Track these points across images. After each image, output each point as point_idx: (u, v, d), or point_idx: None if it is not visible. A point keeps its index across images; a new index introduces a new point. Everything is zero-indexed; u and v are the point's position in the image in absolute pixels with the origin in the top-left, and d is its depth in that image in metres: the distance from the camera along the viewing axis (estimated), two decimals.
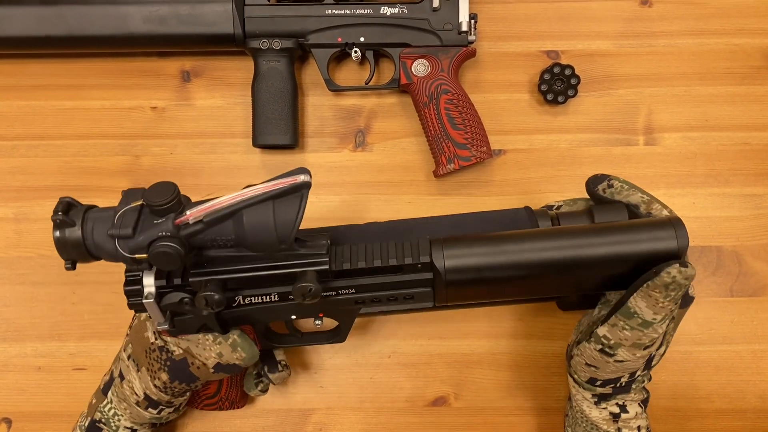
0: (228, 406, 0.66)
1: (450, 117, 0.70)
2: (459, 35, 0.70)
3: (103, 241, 0.47)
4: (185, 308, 0.52)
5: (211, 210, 0.47)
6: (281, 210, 0.47)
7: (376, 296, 0.55)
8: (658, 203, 0.54)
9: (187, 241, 0.47)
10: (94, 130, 0.75)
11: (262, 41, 0.70)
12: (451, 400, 0.72)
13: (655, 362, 0.56)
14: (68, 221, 0.48)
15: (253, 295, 0.54)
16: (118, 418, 0.60)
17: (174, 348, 0.56)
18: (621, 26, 0.75)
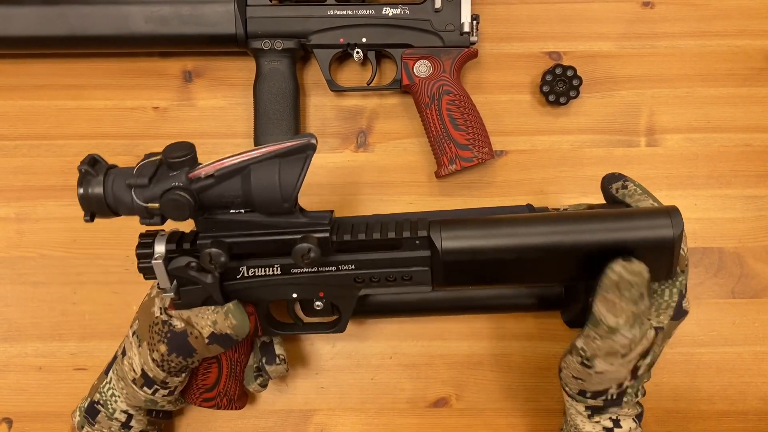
0: (226, 403, 0.64)
1: (452, 118, 0.70)
2: (461, 36, 0.70)
3: (121, 193, 0.50)
4: (190, 273, 0.55)
5: (222, 165, 0.50)
6: (286, 169, 0.50)
7: (375, 274, 0.56)
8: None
9: (198, 195, 0.50)
10: (96, 130, 0.75)
11: (263, 42, 0.70)
12: (453, 402, 0.72)
13: (642, 371, 0.55)
14: (92, 172, 0.51)
15: (256, 267, 0.56)
16: (115, 399, 0.60)
17: (176, 322, 0.57)
18: (623, 27, 0.75)
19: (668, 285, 0.54)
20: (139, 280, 0.72)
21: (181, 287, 0.56)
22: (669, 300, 0.54)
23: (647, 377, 0.58)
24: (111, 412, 0.61)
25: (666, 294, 0.54)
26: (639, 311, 0.50)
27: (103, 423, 0.61)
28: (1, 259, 0.73)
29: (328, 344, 0.72)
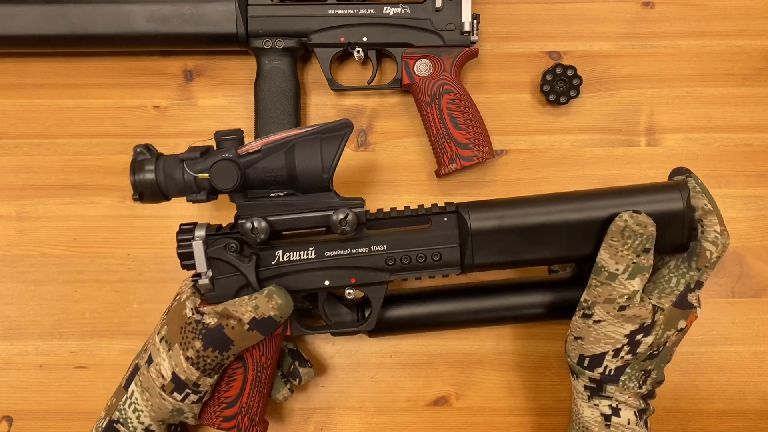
0: (247, 424, 0.61)
1: (452, 117, 0.70)
2: (461, 35, 0.70)
3: (172, 169, 0.55)
4: (228, 255, 0.58)
5: (268, 141, 0.55)
6: (326, 145, 0.55)
7: (406, 254, 0.59)
8: (715, 216, 0.56)
9: (244, 169, 0.55)
10: (96, 129, 0.75)
11: (264, 41, 0.70)
12: (453, 400, 0.72)
13: (642, 349, 0.56)
14: (145, 152, 0.56)
15: (291, 251, 0.59)
16: (138, 414, 0.58)
17: (209, 320, 0.57)
18: (623, 27, 0.75)
19: (677, 274, 0.57)
20: (140, 279, 0.73)
21: (215, 277, 0.59)
22: (674, 287, 0.56)
23: (658, 375, 0.58)
24: (132, 430, 0.59)
25: (673, 281, 0.57)
26: (640, 264, 0.55)
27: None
28: (2, 257, 0.73)
29: (328, 343, 0.73)
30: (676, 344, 0.59)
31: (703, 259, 0.55)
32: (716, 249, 0.55)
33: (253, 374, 0.61)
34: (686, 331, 0.58)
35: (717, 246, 0.55)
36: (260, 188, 0.56)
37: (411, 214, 0.60)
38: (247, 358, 0.61)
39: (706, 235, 0.55)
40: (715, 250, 0.55)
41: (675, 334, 0.57)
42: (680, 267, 0.57)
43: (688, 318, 0.57)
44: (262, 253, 0.59)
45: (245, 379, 0.61)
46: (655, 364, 0.58)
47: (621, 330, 0.56)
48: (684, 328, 0.57)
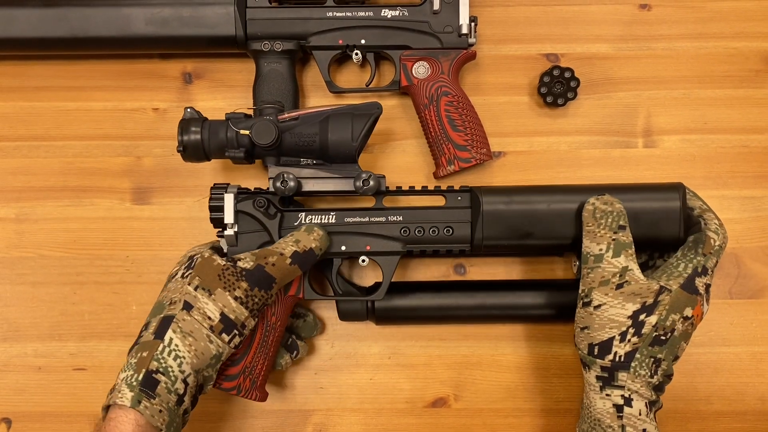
0: (248, 386, 0.62)
1: (450, 119, 0.71)
2: (459, 38, 0.71)
3: (217, 127, 0.62)
4: (256, 210, 0.63)
5: (306, 112, 0.63)
6: (357, 120, 0.62)
7: (420, 226, 0.63)
8: (712, 213, 0.62)
9: (282, 133, 0.61)
10: (96, 132, 0.75)
11: (263, 43, 0.70)
12: (451, 402, 0.72)
13: (647, 330, 0.57)
14: (195, 113, 0.64)
15: (313, 215, 0.64)
16: (180, 361, 0.55)
17: (246, 264, 0.59)
18: (620, 29, 0.76)
19: (684, 260, 0.60)
20: (139, 280, 0.73)
21: (239, 233, 0.63)
22: (682, 271, 0.59)
23: (668, 368, 0.59)
24: (173, 381, 0.54)
25: (680, 266, 0.60)
26: (620, 241, 0.59)
27: (163, 396, 0.54)
28: (1, 259, 0.73)
29: (327, 344, 0.73)
30: (685, 338, 0.59)
31: (708, 245, 0.59)
32: (718, 237, 0.60)
33: (261, 333, 0.62)
34: (694, 324, 0.59)
35: (719, 235, 0.60)
36: (293, 155, 0.63)
37: (428, 190, 0.65)
38: (259, 316, 0.61)
39: (709, 226, 0.60)
40: (717, 239, 0.60)
41: (681, 322, 0.57)
42: (687, 254, 0.60)
43: (695, 306, 0.58)
44: (287, 214, 0.64)
45: (253, 337, 0.62)
46: (665, 353, 0.58)
47: (623, 311, 0.57)
48: (690, 318, 0.58)
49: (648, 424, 0.58)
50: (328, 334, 0.73)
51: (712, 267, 0.60)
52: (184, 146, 0.62)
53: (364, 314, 0.68)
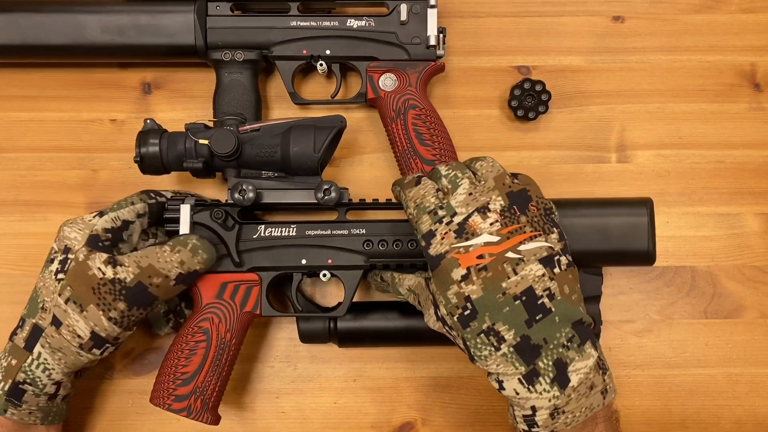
0: (199, 407, 0.59)
1: (417, 132, 0.68)
2: (427, 49, 0.69)
3: (177, 138, 0.60)
4: (213, 222, 0.61)
5: (268, 123, 0.61)
6: (319, 132, 0.60)
7: (383, 239, 0.61)
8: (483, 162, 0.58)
9: (242, 143, 0.59)
10: (50, 143, 0.72)
11: (224, 53, 0.68)
12: (419, 426, 0.69)
13: (450, 321, 0.52)
14: (153, 124, 0.62)
15: (274, 226, 0.62)
16: (49, 373, 0.56)
17: (126, 275, 0.56)
18: (593, 42, 0.74)
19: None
20: None
21: None
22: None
23: (511, 327, 0.50)
24: (41, 388, 0.57)
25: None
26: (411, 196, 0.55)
27: (31, 401, 0.57)
28: None
29: (289, 366, 0.70)
30: (483, 290, 0.50)
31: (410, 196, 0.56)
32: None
33: (215, 351, 0.60)
34: (469, 276, 0.50)
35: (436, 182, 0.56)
36: (254, 167, 0.61)
37: (392, 204, 0.62)
38: (212, 332, 0.60)
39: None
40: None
41: (457, 286, 0.50)
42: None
43: (454, 264, 0.50)
44: (245, 226, 0.61)
45: (206, 354, 0.60)
46: (486, 321, 0.50)
47: (432, 318, 0.55)
48: (465, 275, 0.50)
49: (536, 397, 0.50)
50: (290, 355, 0.70)
51: (447, 213, 0.52)
52: (141, 157, 0.60)
53: (326, 336, 0.65)
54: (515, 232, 0.51)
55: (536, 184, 0.56)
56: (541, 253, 0.51)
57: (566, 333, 0.50)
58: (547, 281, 0.51)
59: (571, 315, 0.51)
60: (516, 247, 0.51)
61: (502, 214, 0.52)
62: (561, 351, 0.50)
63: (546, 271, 0.51)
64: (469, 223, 0.51)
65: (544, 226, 0.53)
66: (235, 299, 0.61)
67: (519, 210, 0.53)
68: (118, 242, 0.59)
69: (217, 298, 0.61)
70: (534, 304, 0.50)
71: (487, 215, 0.52)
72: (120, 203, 0.60)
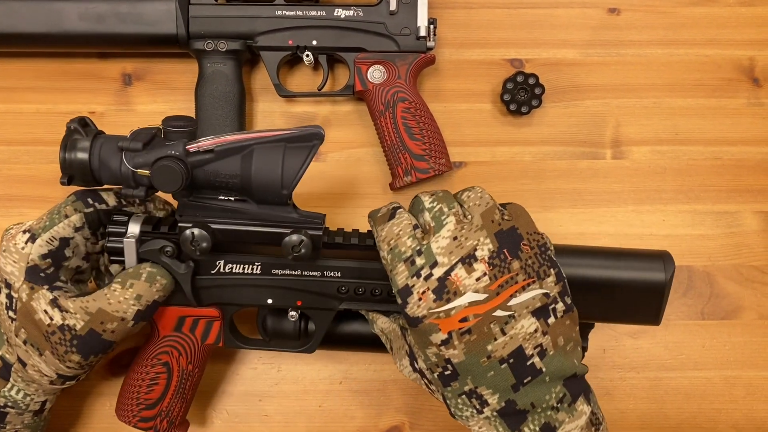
0: (165, 427, 0.57)
1: (407, 126, 0.66)
2: (417, 41, 0.66)
3: (109, 156, 0.49)
4: (164, 259, 0.52)
5: (223, 141, 0.48)
6: (291, 155, 0.48)
7: (360, 285, 0.53)
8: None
9: (192, 170, 0.48)
10: (26, 136, 0.70)
11: (207, 42, 0.66)
12: (407, 430, 0.67)
13: (429, 376, 0.48)
14: (81, 131, 0.50)
15: (235, 263, 0.53)
16: (30, 398, 0.54)
17: (74, 322, 0.49)
18: (588, 35, 0.72)
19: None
20: None
21: None
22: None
23: (495, 392, 0.46)
24: (24, 407, 0.54)
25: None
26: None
27: (15, 421, 0.54)
28: None
29: (273, 368, 0.67)
30: (468, 352, 0.45)
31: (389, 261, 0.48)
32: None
33: (177, 381, 0.57)
34: (451, 341, 0.45)
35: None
36: (209, 190, 0.50)
37: (375, 246, 0.51)
38: (173, 365, 0.57)
39: None
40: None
41: (437, 348, 0.46)
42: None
43: (434, 329, 0.45)
44: (202, 261, 0.53)
45: (168, 385, 0.57)
46: (469, 383, 0.46)
47: (407, 368, 0.51)
48: (445, 339, 0.45)
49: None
50: (273, 357, 0.67)
51: (426, 263, 0.45)
52: (69, 176, 0.50)
53: (295, 351, 0.59)
54: (506, 285, 0.45)
55: (527, 216, 0.49)
56: (534, 304, 0.45)
57: (556, 393, 0.46)
58: (539, 337, 0.46)
59: (564, 371, 0.46)
60: (506, 303, 0.45)
61: (491, 264, 0.45)
62: (549, 414, 0.46)
63: (539, 324, 0.46)
64: (451, 279, 0.45)
65: (539, 270, 0.46)
66: (195, 333, 0.56)
67: (510, 254, 0.46)
68: (62, 262, 0.51)
69: (175, 331, 0.56)
70: (522, 366, 0.45)
71: (473, 267, 0.45)
72: (52, 216, 0.51)
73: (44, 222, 0.51)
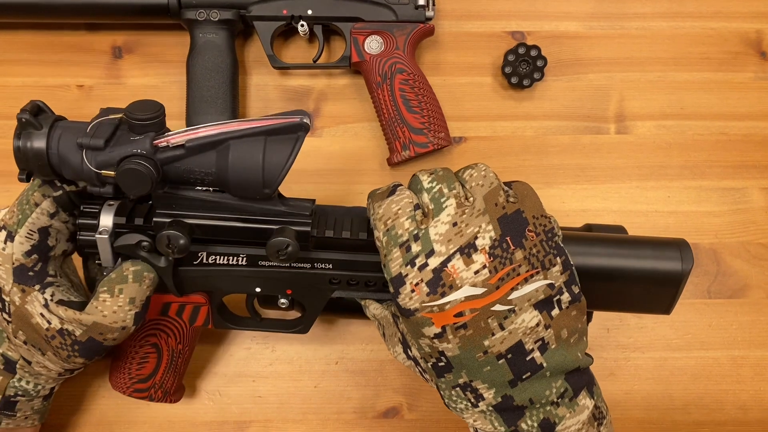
0: (160, 396, 0.57)
1: (405, 99, 0.64)
2: (416, 10, 0.65)
3: (68, 152, 0.43)
4: (141, 253, 0.47)
5: (195, 135, 0.43)
6: (272, 149, 0.43)
7: (353, 277, 0.49)
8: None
9: (162, 166, 0.43)
10: (12, 110, 0.67)
11: (198, 12, 0.64)
12: (404, 411, 0.65)
13: (423, 365, 0.46)
14: (35, 123, 0.43)
15: (219, 254, 0.49)
16: (39, 387, 0.52)
17: (74, 328, 0.47)
18: (591, 6, 0.70)
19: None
20: None
21: None
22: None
23: (491, 385, 0.44)
24: (34, 394, 0.53)
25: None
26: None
27: (25, 407, 0.53)
28: None
29: (267, 348, 0.65)
30: (460, 349, 0.43)
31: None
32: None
33: (167, 360, 0.56)
34: (444, 335, 0.42)
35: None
36: (183, 184, 0.46)
37: (369, 239, 0.48)
38: (162, 345, 0.55)
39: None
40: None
41: (430, 340, 0.43)
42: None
43: (426, 322, 0.42)
44: None
45: (159, 362, 0.56)
46: (463, 376, 0.44)
47: (401, 355, 0.48)
48: (438, 332, 0.42)
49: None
50: (267, 336, 0.65)
51: (422, 250, 0.42)
52: (27, 174, 0.45)
53: (286, 332, 0.57)
54: (507, 278, 0.41)
55: (534, 196, 0.44)
56: (537, 296, 0.42)
57: (557, 388, 0.43)
58: (541, 331, 0.42)
59: (566, 365, 0.43)
60: (506, 297, 0.41)
61: (492, 254, 0.41)
62: (549, 409, 0.43)
63: (541, 317, 0.42)
64: (447, 271, 0.41)
65: (545, 259, 0.42)
66: (182, 317, 0.54)
67: (513, 242, 0.42)
68: (48, 253, 0.48)
69: (162, 315, 0.53)
70: (521, 361, 0.43)
71: (472, 258, 0.41)
72: (22, 207, 0.47)
73: (16, 215, 0.47)
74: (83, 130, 0.43)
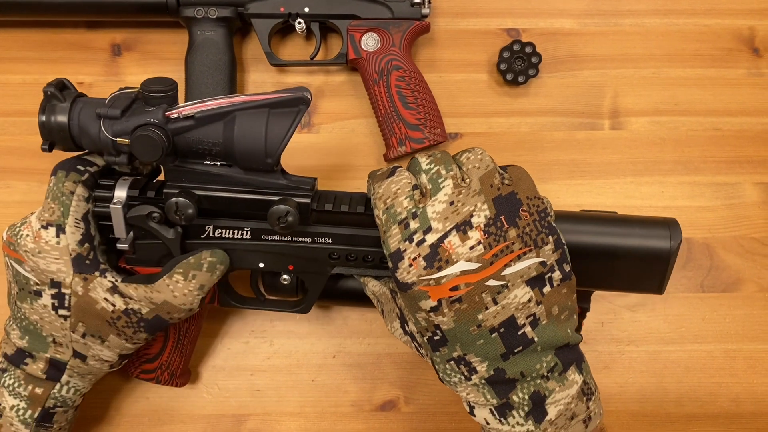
0: (167, 378, 0.59)
1: (401, 95, 0.65)
2: (411, 7, 0.65)
3: (88, 122, 0.47)
4: (151, 224, 0.50)
5: (204, 107, 0.46)
6: (275, 121, 0.46)
7: (352, 252, 0.52)
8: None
9: (173, 137, 0.47)
10: (12, 107, 0.69)
11: (197, 9, 0.64)
12: (401, 405, 0.65)
13: (419, 339, 0.47)
14: (59, 96, 0.48)
15: (224, 227, 0.52)
16: (79, 392, 0.54)
17: (139, 306, 0.50)
18: (585, 4, 0.71)
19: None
20: None
21: (137, 241, 0.52)
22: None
23: (484, 359, 0.45)
24: (71, 404, 0.54)
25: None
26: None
27: (61, 419, 0.54)
28: None
29: (265, 342, 0.66)
30: (455, 322, 0.44)
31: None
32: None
33: (174, 338, 0.58)
34: (440, 308, 0.43)
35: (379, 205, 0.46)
36: (193, 157, 0.49)
37: (366, 212, 0.50)
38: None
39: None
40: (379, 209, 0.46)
41: (426, 314, 0.44)
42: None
43: (423, 296, 0.43)
44: (191, 226, 0.52)
45: (166, 341, 0.58)
46: (457, 350, 0.45)
47: (398, 330, 0.50)
48: (434, 306, 0.43)
49: (507, 430, 0.46)
50: (265, 330, 0.66)
51: (420, 227, 0.43)
52: (50, 143, 0.49)
53: (290, 311, 0.58)
54: (500, 254, 0.43)
55: (528, 179, 0.46)
56: (529, 273, 0.44)
57: (547, 362, 0.45)
58: (533, 307, 0.44)
59: (557, 340, 0.45)
60: (500, 272, 0.43)
61: (487, 231, 0.43)
62: (539, 383, 0.45)
63: (533, 294, 0.44)
64: (444, 246, 0.43)
65: (537, 238, 0.44)
66: None
67: (507, 221, 0.44)
68: (93, 242, 0.51)
69: None
70: (514, 335, 0.44)
71: (468, 235, 0.43)
72: (59, 200, 0.49)
73: (57, 209, 0.49)
74: (102, 103, 0.47)
